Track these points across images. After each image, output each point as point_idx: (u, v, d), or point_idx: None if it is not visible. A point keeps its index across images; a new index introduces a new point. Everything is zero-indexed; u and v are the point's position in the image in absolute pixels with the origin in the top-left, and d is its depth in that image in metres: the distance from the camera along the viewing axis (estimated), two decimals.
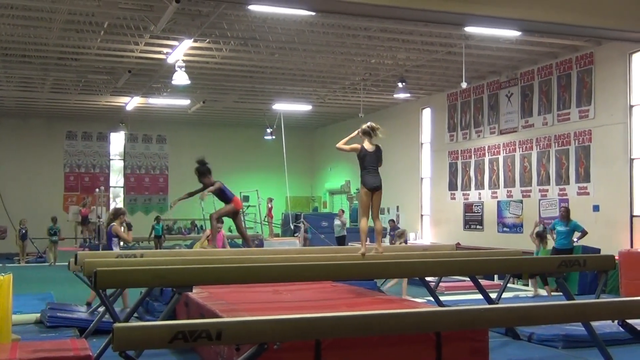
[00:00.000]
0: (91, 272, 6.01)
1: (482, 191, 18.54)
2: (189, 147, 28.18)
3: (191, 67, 16.11)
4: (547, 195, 16.13)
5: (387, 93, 20.23)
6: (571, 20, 10.19)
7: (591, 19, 10.32)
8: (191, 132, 27.99)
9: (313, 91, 20.81)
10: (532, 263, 8.30)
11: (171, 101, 21.15)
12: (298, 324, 4.30)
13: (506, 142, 17.61)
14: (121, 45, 15.29)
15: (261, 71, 18.10)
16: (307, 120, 27.20)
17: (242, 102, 22.66)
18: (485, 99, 18.47)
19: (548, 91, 16.21)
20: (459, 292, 12.84)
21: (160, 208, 27.74)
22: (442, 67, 17.39)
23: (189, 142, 28.19)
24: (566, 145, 15.65)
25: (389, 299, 7.98)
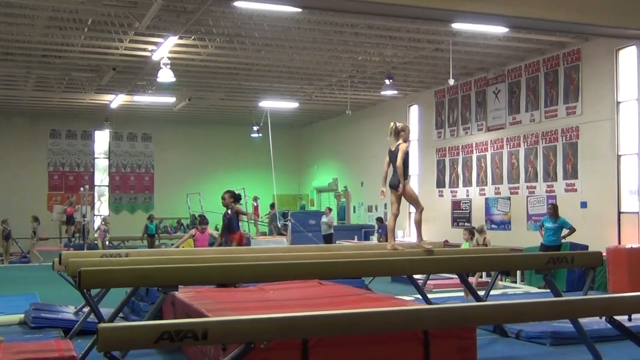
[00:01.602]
0: (75, 272, 5.97)
1: (469, 188, 18.60)
2: (174, 145, 28.15)
3: (176, 64, 16.04)
4: (535, 192, 16.21)
5: (374, 90, 20.24)
6: (558, 16, 10.24)
7: (578, 15, 10.38)
8: (177, 130, 27.91)
9: (300, 88, 20.79)
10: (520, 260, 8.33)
11: (156, 99, 21.06)
12: (285, 323, 4.29)
13: (494, 139, 17.68)
14: (105, 42, 15.20)
15: (247, 68, 18.06)
16: (294, 117, 27.18)
17: (229, 99, 22.61)
18: (473, 95, 18.53)
19: (535, 88, 16.28)
20: (447, 289, 12.88)
21: (145, 207, 27.65)
22: (429, 63, 17.42)
23: (175, 140, 28.13)
24: (554, 141, 15.72)
25: (377, 297, 7.98)
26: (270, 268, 6.44)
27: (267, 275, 6.50)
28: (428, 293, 10.00)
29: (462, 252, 9.08)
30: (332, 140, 27.39)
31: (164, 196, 27.62)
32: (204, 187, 26.30)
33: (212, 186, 26.58)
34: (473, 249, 10.74)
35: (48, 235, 22.24)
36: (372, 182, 23.94)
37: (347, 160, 26.06)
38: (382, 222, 18.91)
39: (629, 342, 5.57)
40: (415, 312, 4.82)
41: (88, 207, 22.75)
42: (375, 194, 23.58)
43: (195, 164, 28.00)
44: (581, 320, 6.56)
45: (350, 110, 20.91)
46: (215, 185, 26.97)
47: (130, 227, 24.15)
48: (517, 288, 13.71)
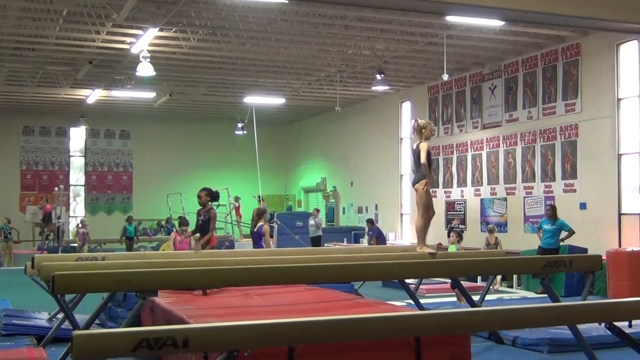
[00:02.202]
0: (49, 276, 5.94)
1: (464, 189, 18.66)
2: (154, 142, 28.07)
3: (157, 57, 16.00)
4: (532, 192, 16.28)
5: (365, 85, 20.27)
6: (557, 9, 10.29)
7: (578, 8, 10.43)
8: (157, 127, 27.85)
9: (287, 83, 20.79)
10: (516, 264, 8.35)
11: (135, 94, 21.01)
12: (270, 329, 4.29)
13: (489, 137, 17.74)
14: (81, 34, 15.14)
15: (231, 62, 18.04)
16: (281, 114, 27.18)
17: (211, 95, 22.57)
18: (468, 91, 18.59)
19: (533, 84, 16.36)
20: (440, 294, 12.91)
21: (124, 208, 27.56)
22: (422, 58, 17.46)
23: (155, 138, 28.06)
24: (552, 140, 15.80)
25: (367, 302, 7.99)
26: (254, 272, 6.43)
27: (252, 279, 6.49)
28: (420, 298, 10.02)
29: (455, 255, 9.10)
30: (321, 138, 27.40)
31: (143, 197, 27.54)
32: (186, 187, 26.19)
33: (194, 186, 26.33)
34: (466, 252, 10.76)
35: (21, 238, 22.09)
36: (362, 182, 23.98)
37: (336, 159, 26.08)
38: (372, 223, 18.92)
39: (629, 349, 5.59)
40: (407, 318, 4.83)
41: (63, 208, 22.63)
42: (366, 194, 23.65)
43: (177, 163, 27.94)
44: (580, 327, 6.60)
45: (339, 106, 20.93)
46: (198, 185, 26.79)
47: (107, 229, 24.03)
48: (514, 293, 13.77)
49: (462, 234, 12.38)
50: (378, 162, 22.86)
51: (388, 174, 22.27)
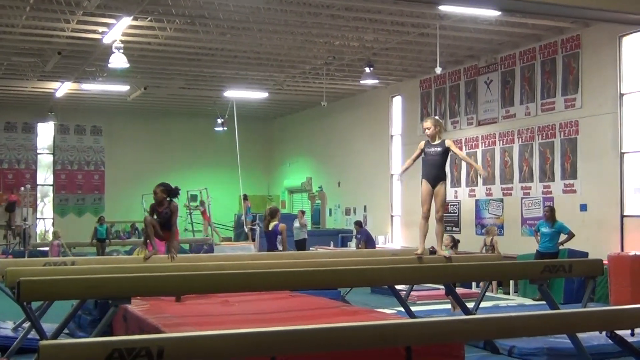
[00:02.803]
0: (14, 283, 5.91)
1: (458, 189, 18.72)
2: (128, 139, 27.95)
3: (130, 48, 15.93)
4: (530, 193, 16.35)
5: (353, 79, 20.28)
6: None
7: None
8: (130, 122, 27.74)
9: (269, 77, 20.77)
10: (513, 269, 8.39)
11: (108, 87, 20.91)
12: (251, 339, 4.28)
13: (485, 134, 17.80)
14: (50, 23, 15.05)
15: (211, 54, 18.00)
16: (263, 109, 27.14)
17: (189, 88, 22.51)
18: (462, 86, 18.64)
19: (531, 78, 16.43)
20: (433, 301, 12.94)
21: (95, 209, 27.42)
22: (414, 50, 17.49)
23: (128, 134, 27.94)
24: (551, 137, 15.88)
25: (354, 310, 8.00)
26: (235, 278, 6.42)
27: (232, 285, 6.48)
28: (412, 305, 10.05)
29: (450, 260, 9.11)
30: (306, 135, 27.40)
31: (116, 197, 27.42)
32: None
33: None
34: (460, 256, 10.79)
35: None
36: (350, 182, 23.99)
37: (322, 158, 26.09)
38: (360, 226, 18.94)
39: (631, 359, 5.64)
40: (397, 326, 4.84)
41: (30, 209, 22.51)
42: (354, 195, 23.66)
43: (152, 161, 27.83)
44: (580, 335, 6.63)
45: (326, 101, 20.93)
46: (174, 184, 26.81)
47: (77, 232, 23.90)
48: (510, 300, 13.83)
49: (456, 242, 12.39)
50: (367, 161, 22.88)
51: (378, 174, 22.29)
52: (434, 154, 8.20)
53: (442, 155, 8.15)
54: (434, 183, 8.09)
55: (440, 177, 8.09)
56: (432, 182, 8.10)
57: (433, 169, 8.17)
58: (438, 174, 8.13)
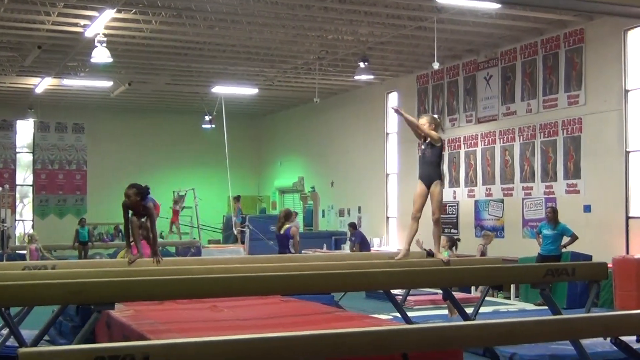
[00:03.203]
0: None
1: (457, 189, 18.74)
2: (111, 137, 27.89)
3: (114, 42, 15.90)
4: (532, 193, 16.38)
5: (347, 74, 20.28)
6: None
7: None
8: (114, 120, 27.68)
9: (260, 72, 20.75)
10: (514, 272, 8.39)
11: (90, 83, 20.86)
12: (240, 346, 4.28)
13: (485, 132, 17.83)
14: (29, 15, 15.00)
15: (198, 48, 17.97)
16: (253, 106, 27.12)
17: (176, 84, 22.48)
18: (461, 81, 18.67)
19: (532, 73, 16.46)
20: (430, 307, 12.96)
21: (77, 210, 27.37)
22: (410, 44, 17.50)
23: (112, 132, 27.89)
24: (553, 135, 15.90)
25: (349, 315, 8.01)
26: (223, 282, 6.41)
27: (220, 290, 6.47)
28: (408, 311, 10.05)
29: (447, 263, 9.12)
30: (298, 133, 27.39)
31: (99, 198, 27.35)
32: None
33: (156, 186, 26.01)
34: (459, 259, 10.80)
35: None
36: (343, 182, 23.99)
37: (314, 157, 26.08)
38: (355, 228, 18.94)
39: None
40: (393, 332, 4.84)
41: (8, 210, 22.42)
42: (348, 195, 23.67)
43: (136, 160, 27.77)
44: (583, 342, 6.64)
45: (318, 97, 20.93)
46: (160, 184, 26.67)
47: (58, 234, 23.86)
48: (511, 305, 13.85)
49: (455, 242, 12.42)
50: (362, 160, 22.88)
51: (373, 173, 22.30)
52: (425, 152, 8.21)
53: (434, 152, 8.14)
54: (427, 183, 8.09)
55: (433, 177, 8.09)
56: (426, 181, 8.10)
57: (426, 167, 8.18)
58: (431, 173, 8.13)
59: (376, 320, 8.13)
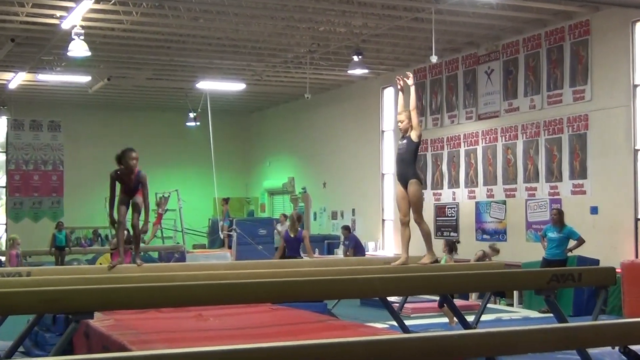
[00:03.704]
0: None
1: (456, 190, 18.77)
2: (89, 136, 27.82)
3: (92, 34, 15.87)
4: (536, 194, 16.41)
5: (340, 69, 20.29)
6: None
7: None
8: (92, 117, 27.61)
9: (247, 66, 20.74)
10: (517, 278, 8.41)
11: (66, 78, 20.82)
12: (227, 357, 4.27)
13: (485, 130, 17.86)
14: (1, 6, 14.96)
15: (182, 41, 17.95)
16: (240, 102, 27.11)
17: (158, 79, 22.45)
18: (460, 76, 18.69)
19: (536, 67, 16.49)
20: (429, 314, 12.97)
21: (53, 214, 27.29)
22: (407, 36, 17.52)
23: (90, 131, 27.81)
24: (558, 133, 15.94)
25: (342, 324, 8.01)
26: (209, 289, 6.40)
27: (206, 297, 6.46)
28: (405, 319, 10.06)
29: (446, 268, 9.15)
30: (288, 131, 27.38)
31: (77, 200, 27.29)
32: None
33: None
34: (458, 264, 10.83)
35: None
36: (336, 183, 24.00)
37: (306, 156, 26.08)
38: (349, 231, 18.96)
39: None
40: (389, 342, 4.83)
41: None
42: (341, 197, 23.68)
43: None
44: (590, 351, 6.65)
45: (309, 93, 20.92)
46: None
47: (33, 238, 23.78)
48: (514, 312, 13.87)
49: (455, 244, 12.45)
50: (356, 159, 22.89)
51: (367, 173, 22.31)
52: (401, 148, 8.18)
53: (409, 149, 8.07)
54: (403, 183, 8.06)
55: (408, 175, 8.03)
56: (402, 181, 8.07)
57: (401, 165, 8.15)
58: (405, 172, 8.08)
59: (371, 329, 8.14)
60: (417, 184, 8.00)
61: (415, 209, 8.06)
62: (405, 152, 8.07)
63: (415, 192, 8.00)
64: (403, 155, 8.10)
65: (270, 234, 20.76)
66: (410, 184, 7.99)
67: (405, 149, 8.07)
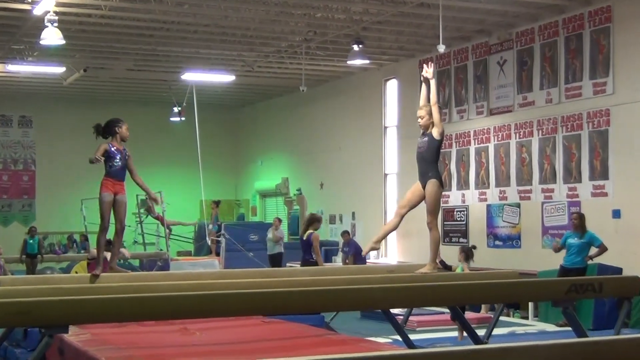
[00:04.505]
0: None
1: (466, 192, 18.77)
2: (64, 132, 27.78)
3: (67, 21, 15.86)
4: (553, 196, 16.41)
5: (338, 59, 20.29)
6: None
7: None
8: (67, 112, 27.57)
9: (237, 56, 20.74)
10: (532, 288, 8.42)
11: (39, 69, 20.80)
12: None
13: (498, 126, 17.86)
14: None
15: (165, 28, 17.94)
16: (230, 95, 27.12)
17: (139, 70, 22.44)
18: (470, 67, 18.70)
19: (553, 57, 16.49)
20: (436, 328, 12.97)
21: (24, 217, 27.27)
22: (412, 24, 17.52)
23: (65, 127, 27.76)
24: (577, 129, 15.95)
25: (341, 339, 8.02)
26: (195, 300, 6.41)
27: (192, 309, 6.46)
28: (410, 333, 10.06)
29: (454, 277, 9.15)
30: (282, 127, 27.37)
31: (50, 203, 27.28)
32: None
33: None
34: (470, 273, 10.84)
35: None
36: (335, 184, 24.00)
37: (301, 154, 26.07)
38: (348, 236, 18.97)
39: None
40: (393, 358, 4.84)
41: None
42: (340, 199, 23.67)
43: None
44: None
45: (305, 86, 20.91)
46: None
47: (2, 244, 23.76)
48: (529, 326, 13.88)
49: (472, 251, 12.48)
50: (356, 158, 22.88)
51: (369, 174, 22.30)
52: (421, 147, 8.25)
53: (430, 147, 8.15)
54: (423, 183, 8.15)
55: (428, 175, 8.11)
56: (422, 181, 8.17)
57: (419, 164, 8.23)
58: (425, 172, 8.16)
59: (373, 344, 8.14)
60: (436, 185, 8.10)
61: (430, 210, 8.13)
62: (425, 151, 8.17)
63: (433, 192, 8.09)
64: (423, 153, 8.19)
65: (262, 239, 20.78)
66: (429, 184, 8.09)
67: (425, 147, 8.18)
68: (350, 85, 23.37)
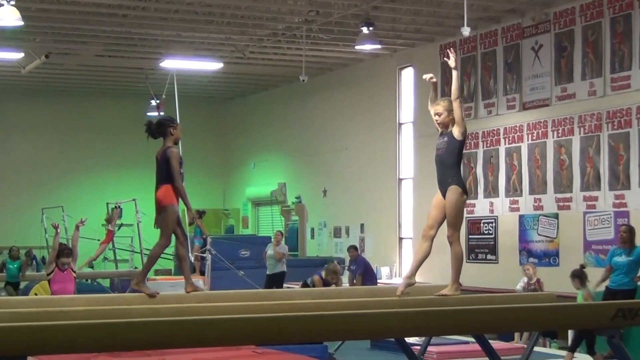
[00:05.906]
0: None
1: (494, 200, 18.77)
2: (22, 129, 27.85)
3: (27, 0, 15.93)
4: (597, 206, 16.40)
5: (345, 43, 20.32)
6: None
7: None
8: (27, 104, 27.62)
9: (226, 40, 20.77)
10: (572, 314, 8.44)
11: None
12: None
13: (532, 122, 17.87)
14: None
15: (141, 7, 17.97)
16: (217, 86, 27.16)
17: (111, 56, 22.48)
18: (500, 53, 18.71)
19: (596, 42, 16.49)
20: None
21: None
22: (431, 2, 17.55)
23: (23, 122, 27.82)
24: (625, 127, 15.94)
25: None
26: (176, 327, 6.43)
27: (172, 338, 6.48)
28: None
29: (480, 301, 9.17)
30: (278, 123, 27.40)
31: (5, 212, 27.29)
32: (71, 197, 26.04)
33: (83, 195, 26.33)
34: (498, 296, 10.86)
35: None
36: (340, 191, 24.01)
37: (301, 156, 26.09)
38: (357, 252, 18.97)
39: None
40: None
41: None
42: (347, 208, 23.66)
43: (57, 160, 27.75)
44: None
45: (306, 75, 20.93)
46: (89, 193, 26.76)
47: None
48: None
49: (583, 272, 12.53)
50: (365, 160, 22.89)
51: (380, 179, 22.31)
52: (440, 148, 8.25)
53: (450, 148, 8.14)
54: (442, 189, 8.14)
55: (446, 181, 8.10)
56: (440, 188, 8.15)
57: (438, 169, 8.23)
58: (444, 177, 8.15)
59: None
60: (458, 192, 8.02)
61: (451, 222, 8.10)
62: (445, 153, 8.13)
63: (454, 201, 8.04)
64: (442, 156, 8.16)
65: (255, 255, 20.77)
66: (449, 191, 8.04)
67: (445, 149, 8.14)
68: (358, 74, 23.38)
